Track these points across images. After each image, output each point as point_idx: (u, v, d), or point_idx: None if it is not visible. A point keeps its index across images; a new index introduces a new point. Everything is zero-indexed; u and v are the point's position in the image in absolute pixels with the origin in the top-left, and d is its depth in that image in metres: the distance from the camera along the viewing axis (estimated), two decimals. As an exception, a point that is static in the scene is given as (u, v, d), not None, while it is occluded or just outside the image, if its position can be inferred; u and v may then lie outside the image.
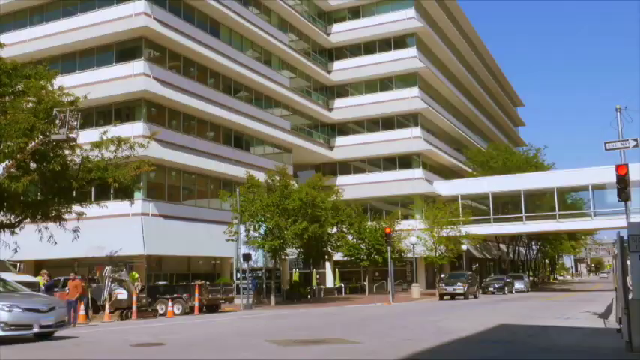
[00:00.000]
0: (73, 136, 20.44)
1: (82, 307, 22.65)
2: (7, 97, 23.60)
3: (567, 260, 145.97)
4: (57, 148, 23.10)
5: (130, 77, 36.46)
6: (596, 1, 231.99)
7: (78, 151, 24.39)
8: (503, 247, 69.85)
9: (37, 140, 20.68)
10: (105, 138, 24.61)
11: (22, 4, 40.45)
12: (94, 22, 37.73)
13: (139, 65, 36.50)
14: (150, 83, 36.03)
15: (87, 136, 26.04)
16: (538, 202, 53.83)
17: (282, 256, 36.72)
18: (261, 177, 35.52)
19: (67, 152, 23.88)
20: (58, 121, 20.37)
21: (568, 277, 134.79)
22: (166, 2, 38.52)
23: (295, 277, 46.26)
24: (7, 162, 20.70)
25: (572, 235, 77.95)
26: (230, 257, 37.93)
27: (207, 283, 30.32)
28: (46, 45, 38.06)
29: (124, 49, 37.60)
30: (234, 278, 36.74)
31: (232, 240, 33.69)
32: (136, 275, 27.89)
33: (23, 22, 40.86)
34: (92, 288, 25.46)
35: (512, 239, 68.07)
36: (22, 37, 39.58)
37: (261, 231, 33.80)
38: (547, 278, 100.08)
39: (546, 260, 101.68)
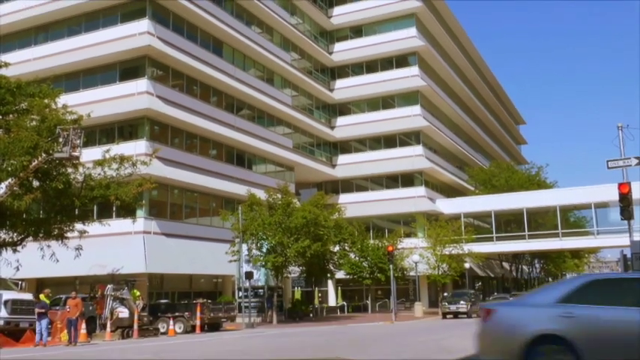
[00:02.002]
0: (75, 154, 20.48)
1: (83, 325, 22.55)
2: (10, 116, 23.72)
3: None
4: (60, 166, 23.15)
5: (133, 95, 36.65)
6: (599, 19, 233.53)
7: (80, 169, 24.44)
8: (506, 265, 69.53)
9: (40, 158, 20.72)
10: (107, 156, 24.67)
11: (28, 23, 40.81)
12: (98, 41, 38.02)
13: (142, 84, 36.70)
14: (153, 101, 36.20)
15: (90, 154, 26.07)
16: (541, 220, 53.69)
17: (285, 275, 36.59)
18: (263, 195, 35.53)
19: (69, 170, 23.93)
20: (61, 139, 20.43)
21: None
22: (170, 21, 38.85)
23: (297, 295, 46.04)
24: (9, 180, 20.72)
25: (576, 254, 77.48)
26: (232, 275, 37.81)
27: (209, 301, 30.17)
28: (50, 64, 38.30)
29: (128, 68, 37.83)
30: (236, 297, 36.58)
31: (235, 261, 33.58)
32: (138, 293, 27.77)
33: (28, 41, 41.20)
34: (94, 305, 25.39)
35: (515, 257, 67.78)
36: (27, 56, 39.89)
37: (264, 249, 33.72)
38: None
39: (549, 279, 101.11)
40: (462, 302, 39.32)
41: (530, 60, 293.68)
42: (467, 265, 49.85)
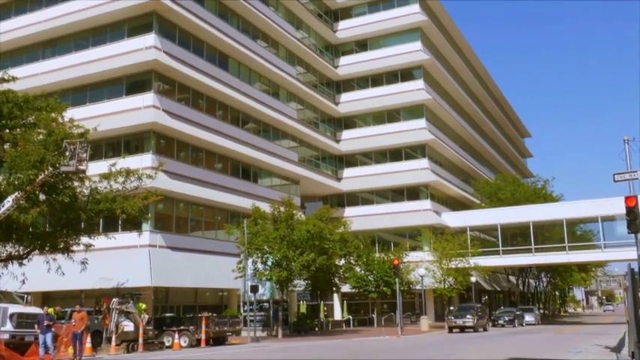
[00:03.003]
0: (82, 167, 20.56)
1: (89, 339, 22.52)
2: (18, 130, 23.87)
3: (578, 293, 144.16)
4: (66, 179, 23.24)
5: (139, 109, 36.83)
6: (604, 32, 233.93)
7: (87, 182, 24.55)
8: (512, 279, 69.16)
9: (46, 172, 20.81)
10: (114, 169, 24.77)
11: (35, 38, 41.17)
12: (105, 55, 38.30)
13: (148, 98, 36.88)
14: (159, 115, 36.36)
15: (96, 168, 26.17)
16: (547, 234, 53.45)
17: (290, 288, 36.49)
18: (268, 208, 35.52)
19: (76, 184, 24.03)
20: (67, 153, 20.52)
21: (579, 310, 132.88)
22: (176, 36, 39.12)
23: (303, 309, 45.87)
24: (16, 193, 20.81)
25: (583, 267, 77.12)
26: (237, 289, 37.73)
27: (215, 315, 30.12)
28: (57, 78, 38.55)
29: (134, 82, 38.05)
30: (242, 310, 36.48)
31: (241, 277, 33.51)
32: (143, 306, 27.74)
33: (36, 56, 41.54)
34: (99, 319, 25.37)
35: (522, 271, 67.42)
36: (35, 70, 40.19)
37: (269, 263, 33.66)
38: (558, 311, 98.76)
39: (556, 292, 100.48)
40: (468, 316, 39.08)
41: (535, 73, 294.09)
42: (473, 279, 49.61)
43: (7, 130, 23.87)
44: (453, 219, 55.06)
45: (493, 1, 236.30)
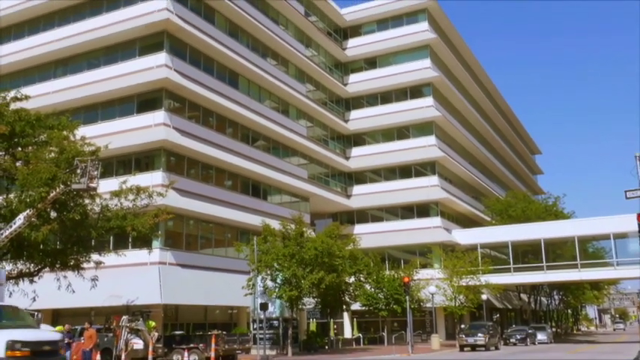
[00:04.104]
0: (93, 185, 20.69)
1: (98, 357, 22.48)
2: (30, 148, 24.07)
3: (591, 311, 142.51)
4: (77, 197, 23.37)
5: (150, 127, 37.07)
6: (613, 50, 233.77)
7: (97, 200, 24.66)
8: (524, 297, 68.54)
9: (57, 189, 20.94)
10: (124, 187, 24.88)
11: (48, 57, 41.65)
12: (117, 74, 38.64)
13: (159, 115, 37.12)
14: (169, 133, 36.57)
15: (107, 185, 26.30)
16: (559, 251, 53.05)
17: (300, 306, 36.35)
18: (278, 226, 35.48)
19: (86, 201, 24.15)
20: (79, 171, 20.67)
21: (592, 329, 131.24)
22: (187, 54, 39.45)
23: (313, 327, 45.61)
24: (28, 211, 20.93)
25: (595, 285, 76.34)
26: (247, 307, 37.60)
27: (224, 333, 30.00)
28: (69, 96, 38.95)
29: (145, 100, 38.32)
30: (251, 328, 36.32)
31: (250, 294, 33.41)
32: (153, 324, 27.70)
33: (48, 75, 41.98)
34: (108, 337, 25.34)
35: (534, 289, 66.82)
36: (47, 89, 40.60)
37: (278, 281, 33.55)
38: (570, 329, 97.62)
39: (569, 311, 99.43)
40: (479, 334, 38.72)
41: (545, 89, 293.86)
42: (484, 297, 49.20)
43: (20, 148, 24.09)
44: (464, 236, 54.78)
45: (503, 17, 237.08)
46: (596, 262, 51.64)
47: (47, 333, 18.38)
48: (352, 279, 38.44)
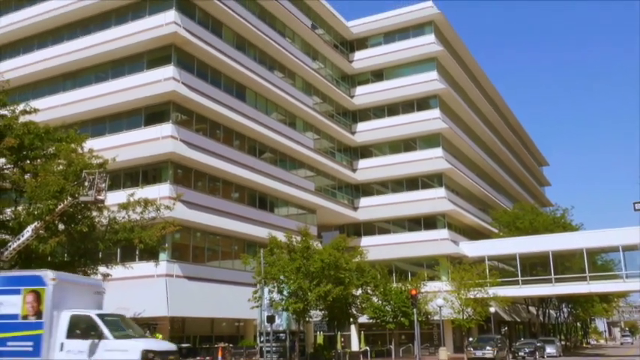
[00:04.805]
0: (100, 197, 20.74)
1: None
2: (38, 160, 24.20)
3: (600, 324, 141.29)
4: (85, 209, 23.44)
5: (157, 140, 37.21)
6: (620, 59, 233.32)
7: (105, 212, 24.72)
8: (532, 309, 68.05)
9: (65, 202, 21.02)
10: (132, 199, 24.93)
11: (56, 71, 41.98)
12: (125, 87, 38.88)
13: (166, 128, 37.27)
14: (177, 145, 36.69)
15: (114, 198, 26.37)
16: (567, 264, 52.69)
17: (307, 319, 36.20)
18: (285, 238, 35.44)
19: (94, 214, 24.22)
20: (86, 183, 20.74)
21: (602, 342, 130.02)
22: (194, 67, 39.67)
23: (320, 340, 45.38)
24: (35, 223, 21.01)
25: (604, 298, 75.73)
26: (254, 319, 37.49)
27: (231, 345, 29.94)
28: (77, 109, 39.18)
29: (153, 113, 38.49)
30: (258, 341, 36.19)
31: (257, 307, 33.32)
32: (160, 336, 27.64)
33: (57, 88, 42.29)
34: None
35: (542, 301, 66.35)
36: (56, 102, 40.87)
37: (285, 293, 33.46)
38: (579, 342, 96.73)
39: (578, 324, 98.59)
40: (487, 348, 38.44)
41: (552, 101, 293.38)
42: (492, 310, 48.87)
43: (28, 161, 24.21)
44: (471, 248, 54.53)
45: (509, 28, 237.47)
46: (605, 274, 51.26)
47: (169, 344, 19.26)
48: (359, 291, 38.28)
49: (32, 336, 16.72)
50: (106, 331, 16.56)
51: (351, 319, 40.46)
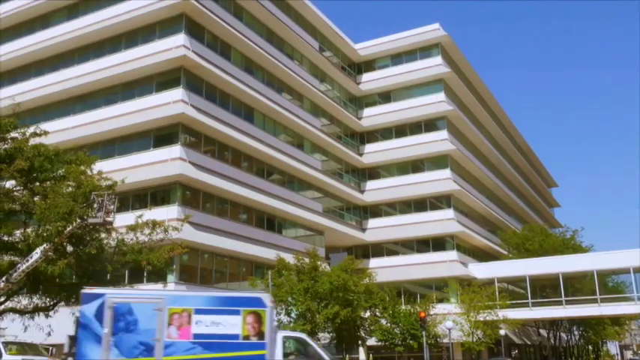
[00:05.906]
0: (109, 219, 20.81)
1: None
2: (48, 182, 24.34)
3: (612, 347, 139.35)
4: (93, 231, 23.50)
5: (166, 162, 37.38)
6: (628, 78, 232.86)
7: (113, 234, 24.77)
8: (543, 332, 67.29)
9: (74, 224, 21.09)
10: (140, 221, 24.99)
11: (67, 94, 42.41)
12: (134, 109, 39.17)
13: (175, 150, 37.47)
14: (185, 167, 36.85)
15: (123, 220, 26.43)
16: (578, 286, 52.21)
17: (315, 341, 35.95)
18: (293, 259, 35.36)
19: (102, 235, 24.27)
20: (95, 205, 20.83)
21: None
22: (203, 89, 39.98)
23: (328, 362, 44.97)
24: (44, 245, 21.07)
25: (616, 320, 74.75)
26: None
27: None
28: (87, 132, 39.49)
29: (162, 135, 38.72)
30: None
31: (265, 328, 33.08)
32: None
33: (67, 110, 42.68)
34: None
35: (553, 324, 65.61)
36: (66, 125, 41.22)
37: (293, 315, 33.29)
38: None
39: (589, 347, 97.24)
40: (498, 371, 37.98)
41: (560, 121, 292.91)
42: (502, 332, 48.37)
43: (38, 183, 24.35)
44: (480, 270, 54.16)
45: (517, 48, 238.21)
46: (617, 296, 50.75)
47: None
48: (368, 313, 38.02)
49: (256, 356, 17.43)
50: (320, 351, 18.60)
51: (360, 342, 40.16)
